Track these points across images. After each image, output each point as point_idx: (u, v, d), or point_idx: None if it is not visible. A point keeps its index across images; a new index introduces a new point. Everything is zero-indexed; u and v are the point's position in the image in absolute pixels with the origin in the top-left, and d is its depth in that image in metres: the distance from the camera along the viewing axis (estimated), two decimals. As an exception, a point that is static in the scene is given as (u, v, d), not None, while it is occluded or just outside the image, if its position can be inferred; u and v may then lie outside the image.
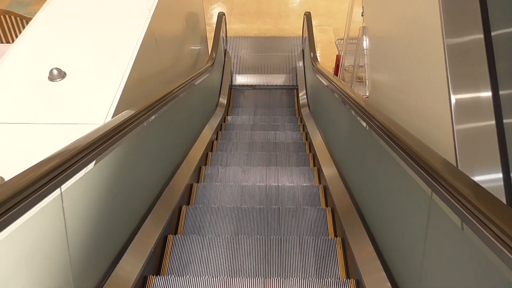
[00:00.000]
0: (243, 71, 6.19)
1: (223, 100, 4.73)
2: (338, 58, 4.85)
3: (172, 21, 3.67)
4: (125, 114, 1.91)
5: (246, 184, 2.41)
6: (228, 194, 2.34)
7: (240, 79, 5.99)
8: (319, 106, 3.80)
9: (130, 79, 2.36)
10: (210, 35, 5.31)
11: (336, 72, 5.07)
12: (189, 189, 2.47)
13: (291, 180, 2.53)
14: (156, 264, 1.92)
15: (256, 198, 2.30)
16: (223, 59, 5.55)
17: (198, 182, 2.63)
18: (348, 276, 1.79)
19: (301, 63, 5.69)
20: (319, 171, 2.67)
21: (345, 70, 4.40)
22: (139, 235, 1.85)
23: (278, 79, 5.98)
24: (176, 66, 3.87)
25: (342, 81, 2.80)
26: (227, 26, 7.32)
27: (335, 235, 2.01)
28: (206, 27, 6.16)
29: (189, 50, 4.63)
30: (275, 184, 2.43)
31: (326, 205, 2.22)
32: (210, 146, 3.29)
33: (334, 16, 7.61)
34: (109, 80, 2.29)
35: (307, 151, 3.17)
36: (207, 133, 3.37)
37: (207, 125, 3.77)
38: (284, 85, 5.84)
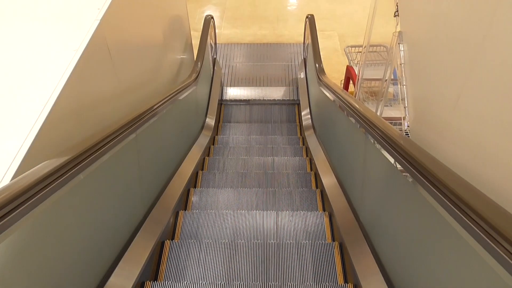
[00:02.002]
0: (236, 83, 5.44)
1: (211, 120, 3.96)
2: (348, 69, 4.10)
3: (140, 25, 2.91)
4: (37, 171, 1.20)
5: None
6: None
7: (232, 93, 5.24)
8: (329, 131, 3.04)
9: (57, 110, 1.59)
10: (198, 42, 4.56)
11: (346, 86, 4.33)
12: None
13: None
14: None
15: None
16: (212, 70, 4.80)
17: (155, 280, 1.80)
18: None
19: (303, 74, 4.95)
20: (342, 248, 1.90)
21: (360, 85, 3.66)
22: None
23: (277, 93, 5.23)
24: (149, 83, 3.10)
25: (363, 104, 2.04)
26: (216, 31, 6.58)
27: None
28: (194, 32, 5.43)
29: (169, 61, 3.87)
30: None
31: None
32: (185, 201, 2.48)
33: (338, 20, 6.89)
34: (18, 115, 1.52)
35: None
36: (182, 177, 2.59)
37: (189, 154, 3.00)
38: (283, 100, 5.08)
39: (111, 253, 1.72)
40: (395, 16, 2.40)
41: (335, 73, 5.70)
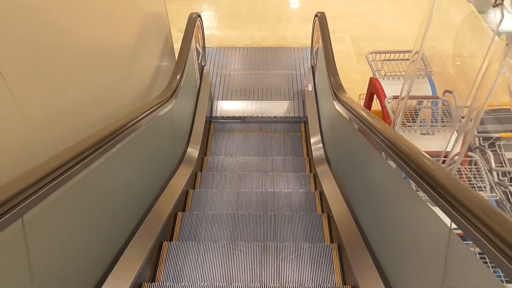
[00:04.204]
0: (229, 96, 4.59)
1: (194, 150, 3.08)
2: (372, 82, 3.23)
3: (80, 23, 2.04)
4: None
5: None
6: None
7: (225, 108, 4.38)
8: (354, 176, 2.17)
9: None
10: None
11: (368, 103, 3.46)
12: None
13: None
14: None
15: None
16: (198, 81, 3.93)
17: None
18: None
19: (311, 86, 4.08)
20: None
21: (392, 106, 2.78)
22: None
23: (279, 108, 4.37)
24: (98, 105, 2.23)
25: (436, 163, 1.20)
26: (208, 32, 5.72)
27: None
28: (180, 34, 4.57)
29: (138, 73, 3.00)
30: None
31: None
32: None
33: (350, 20, 6.04)
34: None
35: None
36: (137, 258, 1.71)
37: (154, 209, 2.13)
38: (287, 118, 4.23)
39: None
40: (495, 5, 1.51)
41: (349, 83, 4.83)
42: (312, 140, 3.20)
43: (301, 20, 6.17)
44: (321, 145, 3.05)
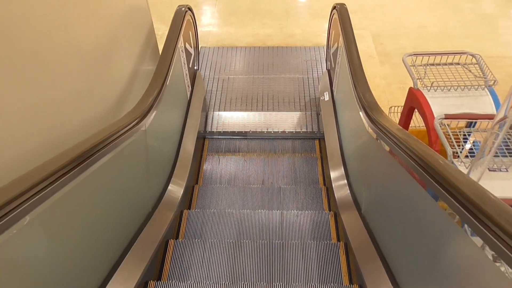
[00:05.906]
0: (228, 105, 3.91)
1: (177, 188, 2.38)
2: (413, 94, 2.52)
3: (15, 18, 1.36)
4: None
5: None
6: None
7: (223, 121, 3.71)
8: (405, 248, 1.48)
9: None
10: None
11: (405, 121, 2.75)
12: None
13: None
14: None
15: None
16: (188, 90, 3.25)
17: None
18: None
19: (327, 95, 3.39)
20: None
21: (446, 128, 2.07)
22: None
23: (287, 120, 3.69)
24: (46, 127, 1.56)
25: None
26: (204, 30, 5.05)
27: None
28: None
29: (105, 82, 2.33)
30: None
31: None
32: None
33: (370, 15, 5.33)
34: None
35: None
36: None
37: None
38: (298, 133, 3.55)
39: None
40: None
41: (372, 91, 4.14)
42: (332, 174, 2.48)
43: (313, 15, 5.47)
44: (345, 181, 2.33)
